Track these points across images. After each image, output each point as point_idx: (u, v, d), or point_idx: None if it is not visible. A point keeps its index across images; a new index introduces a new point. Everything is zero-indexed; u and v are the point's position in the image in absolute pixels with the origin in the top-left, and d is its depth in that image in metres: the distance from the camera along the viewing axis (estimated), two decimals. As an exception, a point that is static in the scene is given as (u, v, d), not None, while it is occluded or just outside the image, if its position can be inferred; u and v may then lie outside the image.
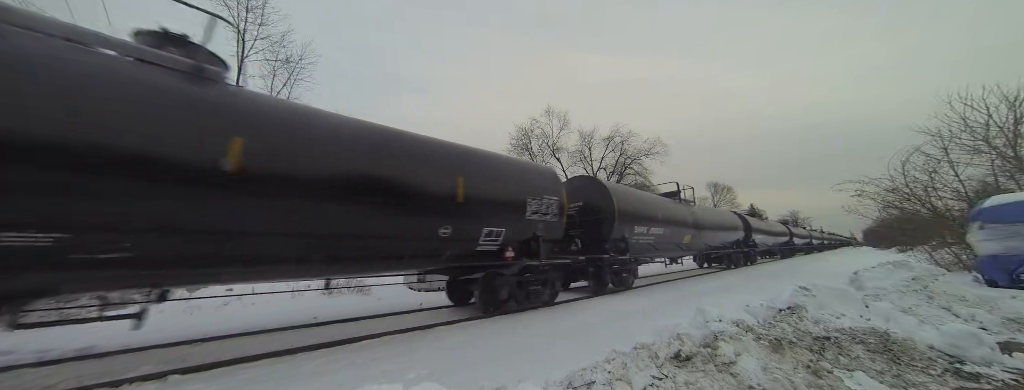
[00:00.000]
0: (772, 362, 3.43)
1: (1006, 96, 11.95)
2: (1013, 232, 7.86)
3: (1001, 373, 3.68)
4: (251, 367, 4.01)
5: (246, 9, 15.07)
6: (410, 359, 4.18)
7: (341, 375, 3.72)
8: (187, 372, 3.77)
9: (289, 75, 16.49)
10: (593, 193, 9.94)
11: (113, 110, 3.00)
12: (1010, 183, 11.58)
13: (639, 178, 30.80)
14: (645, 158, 32.18)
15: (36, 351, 4.56)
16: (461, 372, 3.70)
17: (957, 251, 11.94)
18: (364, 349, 4.67)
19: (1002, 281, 7.99)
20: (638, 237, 10.41)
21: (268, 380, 3.64)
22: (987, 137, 12.05)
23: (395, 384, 2.59)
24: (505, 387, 2.81)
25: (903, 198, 13.25)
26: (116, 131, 2.97)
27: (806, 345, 3.96)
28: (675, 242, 12.77)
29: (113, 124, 2.97)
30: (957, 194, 12.08)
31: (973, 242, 9.07)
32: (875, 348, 4.06)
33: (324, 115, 4.92)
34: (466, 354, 4.36)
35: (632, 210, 10.13)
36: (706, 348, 3.48)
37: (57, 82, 2.79)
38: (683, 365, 3.21)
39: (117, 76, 3.16)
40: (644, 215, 10.71)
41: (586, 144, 32.39)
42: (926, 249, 14.94)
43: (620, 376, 2.94)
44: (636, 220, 10.22)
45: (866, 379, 3.30)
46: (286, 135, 4.12)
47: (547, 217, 7.43)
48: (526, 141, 31.51)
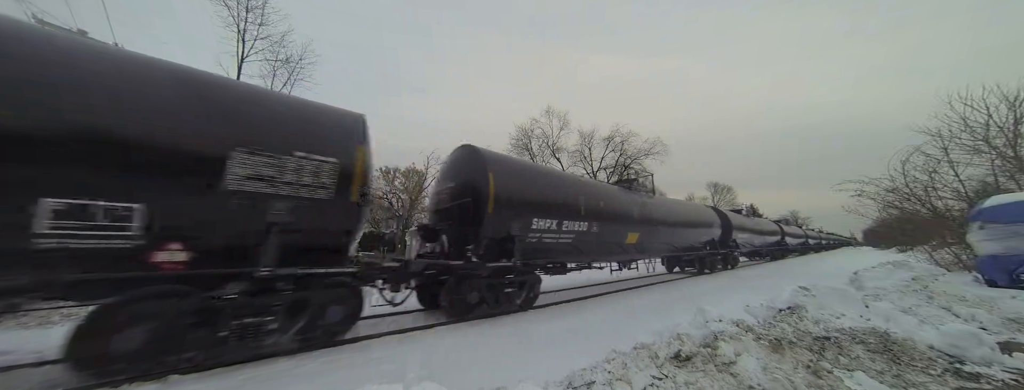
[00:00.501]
0: (772, 362, 3.43)
1: (1006, 96, 11.98)
2: (1013, 232, 7.87)
3: (1001, 373, 3.68)
4: (251, 367, 4.01)
5: (246, 9, 15.05)
6: (409, 359, 4.18)
7: (341, 375, 3.72)
8: (187, 372, 3.76)
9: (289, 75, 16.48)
10: (468, 168, 6.89)
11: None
12: (1010, 183, 11.60)
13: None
14: (645, 158, 32.25)
15: (36, 351, 4.56)
16: (461, 372, 3.70)
17: (957, 251, 11.96)
18: (364, 349, 4.66)
19: (1002, 281, 8.00)
20: (540, 235, 7.21)
21: (268, 380, 3.64)
22: (987, 137, 12.07)
23: (395, 384, 2.59)
24: (505, 387, 2.81)
25: (903, 198, 13.27)
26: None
27: (806, 345, 3.96)
28: (613, 241, 9.32)
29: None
30: (957, 194, 12.10)
31: (973, 242, 9.08)
32: (875, 348, 4.06)
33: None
34: (466, 354, 4.36)
35: (524, 194, 6.93)
36: (706, 348, 3.48)
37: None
38: (683, 365, 3.22)
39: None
40: (551, 203, 7.44)
41: (586, 144, 32.46)
42: (926, 249, 14.96)
43: (620, 376, 2.94)
44: (533, 210, 7.04)
45: (866, 379, 3.30)
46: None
47: (302, 190, 4.38)
48: (526, 141, 31.55)
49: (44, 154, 3.12)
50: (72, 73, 3.36)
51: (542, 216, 7.24)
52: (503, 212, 6.54)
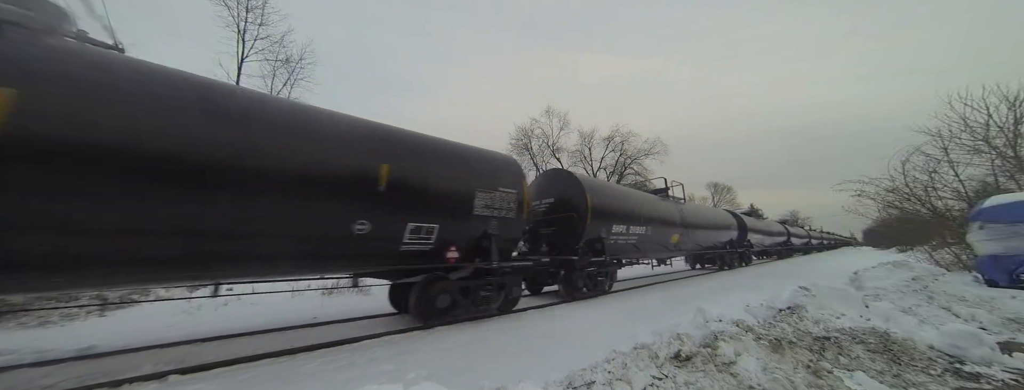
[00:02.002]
0: (772, 362, 3.43)
1: (1006, 96, 11.96)
2: (1013, 232, 7.87)
3: (1001, 373, 3.68)
4: (251, 367, 4.01)
5: (246, 9, 15.01)
6: (409, 359, 4.18)
7: (341, 375, 3.72)
8: (187, 372, 3.77)
9: (289, 75, 16.45)
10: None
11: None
12: (1010, 183, 11.59)
13: (639, 178, 30.78)
14: (645, 158, 32.23)
15: (36, 351, 4.56)
16: (461, 372, 3.70)
17: (957, 251, 11.94)
18: (364, 349, 4.66)
19: (1002, 281, 8.00)
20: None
21: (268, 380, 3.64)
22: (987, 137, 12.06)
23: (395, 384, 2.59)
24: (505, 387, 2.81)
25: (903, 198, 13.26)
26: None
27: (806, 345, 3.96)
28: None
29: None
30: (957, 194, 12.09)
31: (973, 242, 9.07)
32: (875, 348, 4.06)
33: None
34: (466, 354, 4.36)
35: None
36: (706, 348, 3.48)
37: None
38: (683, 365, 3.22)
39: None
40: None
41: (586, 144, 32.44)
42: (926, 249, 14.96)
43: (620, 376, 2.94)
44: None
45: (866, 379, 3.30)
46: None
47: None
48: (526, 141, 31.52)
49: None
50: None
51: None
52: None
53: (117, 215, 3.19)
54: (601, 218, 8.83)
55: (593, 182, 9.74)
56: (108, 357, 4.50)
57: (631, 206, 10.20)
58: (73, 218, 3.02)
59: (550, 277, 8.79)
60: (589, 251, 8.66)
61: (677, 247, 12.86)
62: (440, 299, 5.79)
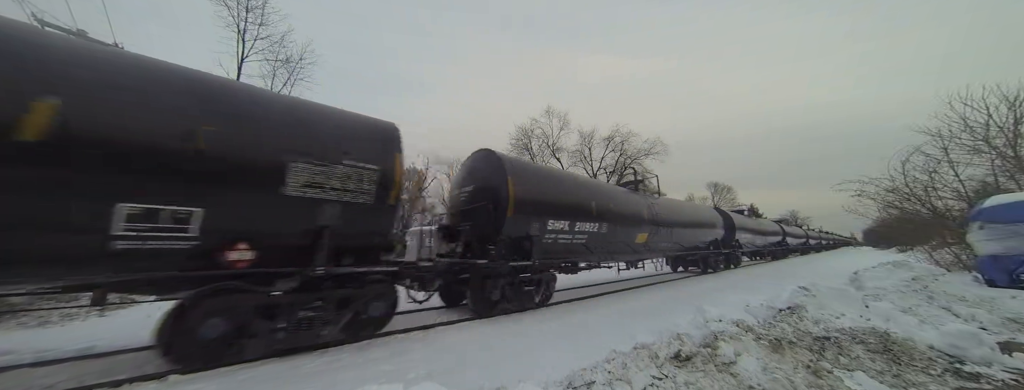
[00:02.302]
0: (772, 362, 3.43)
1: (1006, 96, 11.96)
2: (1013, 232, 7.86)
3: (1001, 373, 3.68)
4: (251, 367, 4.01)
5: (246, 9, 15.05)
6: (409, 359, 4.18)
7: (341, 375, 3.72)
8: (187, 372, 3.77)
9: (289, 75, 16.47)
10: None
11: None
12: (1010, 183, 11.58)
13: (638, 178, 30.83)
14: (645, 158, 32.26)
15: (36, 351, 4.56)
16: (460, 372, 3.70)
17: (957, 251, 11.93)
18: (364, 349, 4.66)
19: (1002, 281, 7.99)
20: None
21: (268, 380, 3.64)
22: (987, 137, 12.06)
23: (395, 384, 2.59)
24: (505, 387, 2.81)
25: (903, 198, 13.26)
26: None
27: (806, 345, 3.96)
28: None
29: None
30: (957, 194, 12.09)
31: (973, 242, 9.07)
32: (875, 348, 4.06)
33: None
34: (465, 353, 4.36)
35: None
36: (706, 348, 3.48)
37: None
38: (683, 365, 3.22)
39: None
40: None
41: (586, 144, 32.46)
42: (926, 249, 14.95)
43: (620, 376, 2.94)
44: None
45: (866, 379, 3.30)
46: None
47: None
48: (526, 141, 31.56)
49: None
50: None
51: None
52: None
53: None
54: (530, 211, 6.97)
55: (522, 165, 7.74)
56: (108, 357, 4.50)
57: (577, 198, 8.15)
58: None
59: (460, 285, 6.93)
60: (512, 253, 6.77)
61: (645, 247, 10.83)
62: (206, 327, 3.85)
